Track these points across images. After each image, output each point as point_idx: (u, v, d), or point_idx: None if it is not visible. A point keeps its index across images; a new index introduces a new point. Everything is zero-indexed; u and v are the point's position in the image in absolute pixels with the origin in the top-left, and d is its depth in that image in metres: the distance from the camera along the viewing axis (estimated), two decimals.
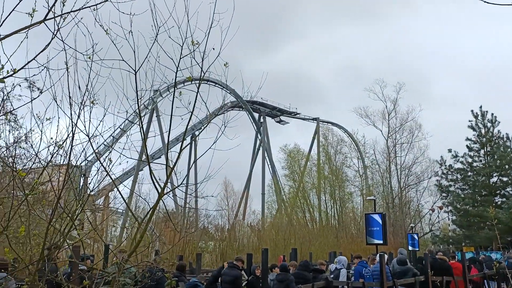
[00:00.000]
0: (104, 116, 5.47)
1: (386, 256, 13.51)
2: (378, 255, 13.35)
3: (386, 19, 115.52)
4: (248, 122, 59.78)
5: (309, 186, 53.61)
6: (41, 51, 3.26)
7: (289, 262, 16.74)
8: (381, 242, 21.53)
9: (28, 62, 3.11)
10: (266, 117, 62.47)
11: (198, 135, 6.53)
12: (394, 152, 54.77)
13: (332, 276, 12.87)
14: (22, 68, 3.07)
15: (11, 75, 3.00)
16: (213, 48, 5.73)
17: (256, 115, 61.49)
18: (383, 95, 56.61)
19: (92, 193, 7.37)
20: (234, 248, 30.79)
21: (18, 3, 3.04)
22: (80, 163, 6.52)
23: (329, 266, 16.01)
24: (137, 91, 5.27)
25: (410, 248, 30.25)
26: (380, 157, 55.97)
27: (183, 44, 5.51)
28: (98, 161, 5.67)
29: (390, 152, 54.79)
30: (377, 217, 21.98)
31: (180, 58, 5.55)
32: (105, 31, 4.42)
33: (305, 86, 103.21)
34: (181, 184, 6.12)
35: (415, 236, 33.64)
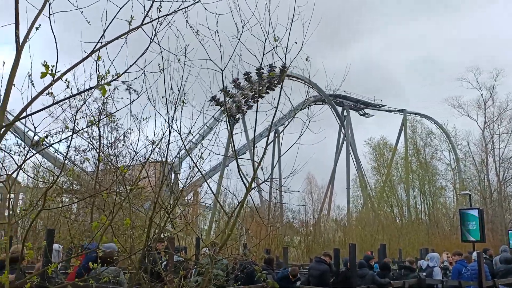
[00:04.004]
0: (193, 115, 5.72)
1: (484, 254, 12.60)
2: (475, 252, 12.49)
3: (463, 10, 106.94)
4: (331, 116, 58.76)
5: (396, 180, 51.44)
6: (141, 55, 3.51)
7: (377, 258, 16.24)
8: (478, 239, 20.11)
9: (130, 66, 3.37)
10: (349, 110, 60.99)
11: (283, 130, 6.58)
12: (492, 143, 50.51)
13: (424, 274, 12.29)
14: (125, 72, 3.33)
15: (115, 79, 3.26)
16: (296, 42, 5.71)
17: (339, 109, 60.25)
18: (477, 83, 52.34)
19: (184, 188, 7.77)
20: (320, 243, 30.62)
21: (118, 11, 3.30)
22: (172, 160, 6.89)
23: (418, 262, 15.26)
24: (224, 89, 5.44)
25: None
26: (475, 149, 51.87)
27: (265, 40, 5.57)
28: (190, 158, 5.97)
29: (487, 143, 50.64)
30: (473, 213, 20.56)
31: (264, 55, 5.62)
32: (195, 32, 4.62)
33: (381, 80, 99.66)
34: (268, 178, 6.21)
35: None
